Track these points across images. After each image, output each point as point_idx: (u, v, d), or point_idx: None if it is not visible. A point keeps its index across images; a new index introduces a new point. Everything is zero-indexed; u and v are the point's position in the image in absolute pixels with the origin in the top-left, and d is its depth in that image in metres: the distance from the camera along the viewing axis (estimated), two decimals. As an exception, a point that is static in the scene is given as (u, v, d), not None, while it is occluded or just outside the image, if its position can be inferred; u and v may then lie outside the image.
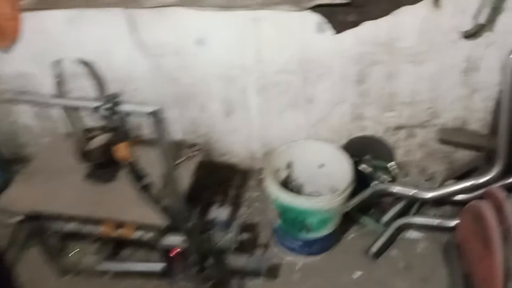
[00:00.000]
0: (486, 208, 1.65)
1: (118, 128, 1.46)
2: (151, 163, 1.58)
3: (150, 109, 1.41)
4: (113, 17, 2.09)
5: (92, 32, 2.17)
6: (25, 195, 1.88)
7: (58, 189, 1.90)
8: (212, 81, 2.24)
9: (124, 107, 1.43)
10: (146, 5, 2.02)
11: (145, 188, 1.59)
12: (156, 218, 1.67)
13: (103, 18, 2.11)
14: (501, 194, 1.69)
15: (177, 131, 2.48)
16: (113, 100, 1.42)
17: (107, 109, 1.41)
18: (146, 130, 2.49)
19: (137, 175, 1.56)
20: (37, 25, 2.18)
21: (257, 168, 2.54)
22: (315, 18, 1.92)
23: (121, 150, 1.48)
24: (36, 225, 1.93)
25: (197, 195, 2.21)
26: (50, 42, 2.23)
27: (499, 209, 1.66)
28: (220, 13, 1.98)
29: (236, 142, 2.49)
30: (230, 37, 2.07)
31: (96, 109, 1.43)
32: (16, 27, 2.20)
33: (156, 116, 1.43)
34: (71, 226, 1.90)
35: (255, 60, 2.12)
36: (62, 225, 1.90)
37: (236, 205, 2.40)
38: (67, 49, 2.22)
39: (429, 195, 2.06)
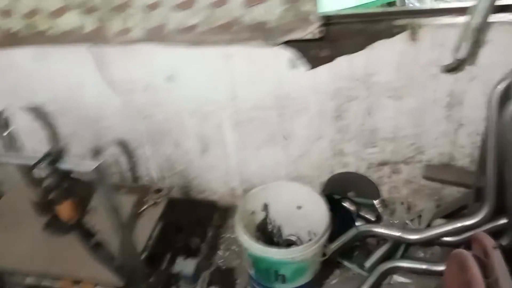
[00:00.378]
0: (471, 260, 1.51)
1: (58, 187, 1.33)
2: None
3: (91, 167, 1.29)
4: (80, 54, 2.02)
5: (60, 69, 2.11)
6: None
7: (15, 240, 1.79)
8: (185, 117, 2.14)
9: (64, 165, 1.31)
10: (113, 41, 1.94)
11: (95, 248, 1.46)
12: (112, 277, 1.54)
13: (69, 55, 2.04)
14: (489, 243, 1.55)
15: (152, 168, 2.38)
16: (51, 157, 1.29)
17: (46, 166, 1.29)
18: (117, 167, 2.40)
19: (85, 235, 1.43)
20: (5, 62, 2.13)
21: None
22: (287, 53, 1.82)
23: (63, 210, 1.36)
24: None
25: (171, 238, 2.10)
26: (19, 79, 2.17)
27: (486, 258, 1.53)
28: (189, 49, 1.89)
29: (215, 179, 2.37)
30: (202, 73, 1.98)
31: (34, 166, 1.30)
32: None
33: (98, 174, 1.30)
34: (30, 280, 1.79)
35: (228, 96, 2.02)
36: (20, 278, 1.79)
37: (213, 248, 2.27)
38: (36, 87, 2.18)
39: (415, 237, 1.93)
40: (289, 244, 2.14)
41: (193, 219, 2.39)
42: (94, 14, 1.88)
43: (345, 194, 2.22)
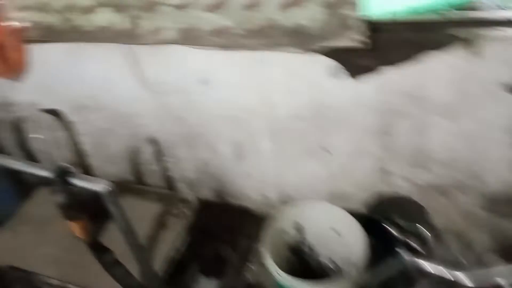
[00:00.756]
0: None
1: (68, 205, 1.25)
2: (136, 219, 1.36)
3: (102, 188, 1.19)
4: (112, 51, 1.97)
5: (93, 66, 2.09)
6: (7, 245, 1.78)
7: (40, 242, 1.80)
8: (219, 122, 2.03)
9: (75, 182, 1.23)
10: (143, 41, 1.85)
11: (110, 266, 1.38)
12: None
13: (102, 52, 2.01)
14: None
15: (186, 170, 2.30)
16: (62, 173, 1.21)
17: (56, 182, 1.22)
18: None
19: (99, 252, 1.35)
20: (42, 57, 2.14)
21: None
22: (326, 61, 1.62)
23: (75, 229, 1.28)
24: (15, 277, 1.81)
25: (201, 244, 2.01)
26: (54, 74, 2.18)
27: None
28: (223, 53, 1.75)
29: (250, 187, 2.25)
30: (236, 78, 1.85)
31: (43, 180, 1.23)
32: (21, 58, 2.14)
33: (109, 195, 1.20)
34: (53, 282, 1.77)
35: (263, 103, 1.87)
36: (42, 278, 1.78)
37: (244, 260, 2.15)
38: (70, 82, 2.17)
39: (469, 283, 1.67)
40: (323, 268, 1.97)
41: (226, 226, 2.29)
42: (126, 12, 1.80)
43: (390, 218, 1.99)
